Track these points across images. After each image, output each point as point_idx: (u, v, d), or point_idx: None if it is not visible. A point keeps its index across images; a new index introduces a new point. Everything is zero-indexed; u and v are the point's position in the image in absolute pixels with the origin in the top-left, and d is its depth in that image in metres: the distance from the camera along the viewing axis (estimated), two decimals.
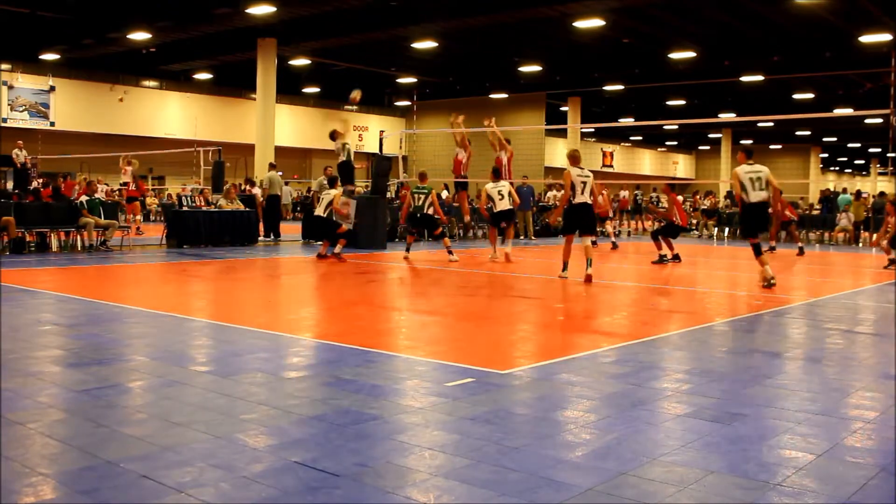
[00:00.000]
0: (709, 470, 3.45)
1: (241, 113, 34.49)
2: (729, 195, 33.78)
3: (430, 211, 14.19)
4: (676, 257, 14.41)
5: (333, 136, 16.50)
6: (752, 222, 10.73)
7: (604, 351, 6.21)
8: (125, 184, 21.71)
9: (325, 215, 13.86)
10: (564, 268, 11.07)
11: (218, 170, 19.05)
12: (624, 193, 29.69)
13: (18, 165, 21.86)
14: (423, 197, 14.27)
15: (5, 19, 23.11)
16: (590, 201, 10.93)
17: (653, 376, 5.33)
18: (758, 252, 10.61)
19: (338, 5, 21.36)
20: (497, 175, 14.35)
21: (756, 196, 10.44)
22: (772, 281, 10.49)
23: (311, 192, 19.08)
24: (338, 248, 13.54)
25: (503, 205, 13.86)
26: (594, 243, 11.69)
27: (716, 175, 46.60)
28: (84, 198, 14.57)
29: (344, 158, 16.03)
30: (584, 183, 10.88)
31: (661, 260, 14.15)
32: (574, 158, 11.15)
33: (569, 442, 3.85)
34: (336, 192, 14.20)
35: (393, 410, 4.33)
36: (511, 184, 14.80)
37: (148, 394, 4.63)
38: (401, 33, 24.40)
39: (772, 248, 18.35)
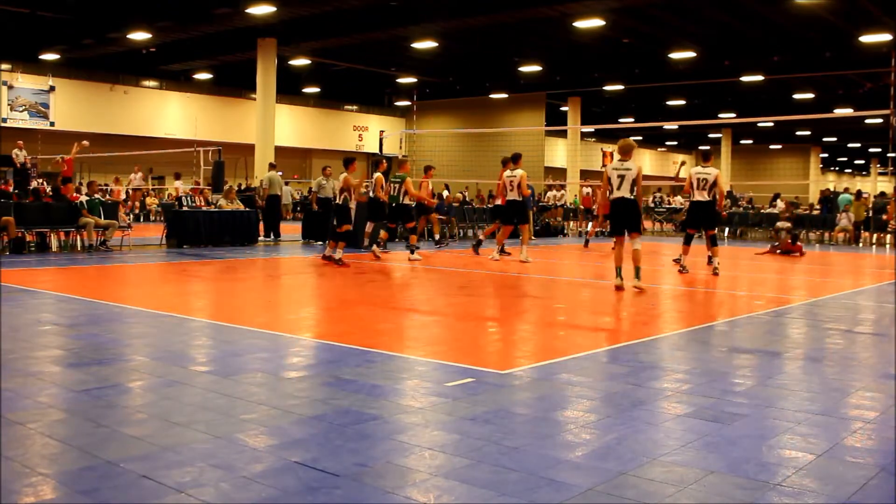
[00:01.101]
0: (709, 470, 3.45)
1: (241, 113, 34.48)
2: (729, 195, 33.81)
3: (407, 200, 13.90)
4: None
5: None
6: (693, 217, 12.40)
7: (604, 351, 6.22)
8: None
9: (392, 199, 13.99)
10: (618, 273, 9.95)
11: (218, 170, 19.03)
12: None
13: (18, 165, 21.83)
14: (398, 185, 13.95)
15: (5, 19, 23.11)
16: (630, 196, 9.76)
17: (653, 376, 5.33)
18: (687, 242, 12.53)
19: (338, 5, 21.35)
20: (515, 160, 13.56)
21: (699, 195, 11.93)
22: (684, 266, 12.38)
23: (311, 193, 19.01)
24: (338, 254, 12.62)
25: (511, 195, 13.28)
26: (586, 243, 11.70)
27: None
28: (84, 198, 14.57)
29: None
30: (622, 177, 9.77)
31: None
32: (621, 148, 10.06)
33: (569, 442, 3.85)
34: (378, 175, 14.21)
35: (393, 410, 4.33)
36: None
37: (148, 394, 4.63)
38: (401, 33, 24.39)
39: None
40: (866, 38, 22.89)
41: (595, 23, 22.13)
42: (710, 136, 52.71)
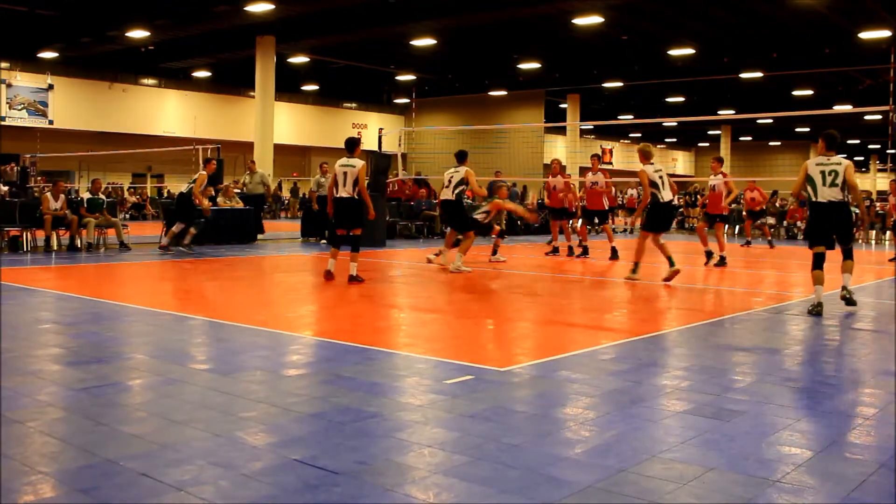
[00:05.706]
0: (708, 467, 3.45)
1: (239, 111, 34.45)
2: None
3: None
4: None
5: None
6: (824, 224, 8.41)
7: (603, 348, 6.21)
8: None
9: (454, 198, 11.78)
10: (635, 269, 10.27)
11: (217, 168, 18.96)
12: (631, 192, 30.06)
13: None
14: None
15: (4, 17, 23.06)
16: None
17: (652, 373, 5.33)
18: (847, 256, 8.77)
19: (336, 3, 21.32)
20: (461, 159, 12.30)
21: (827, 194, 8.01)
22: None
23: (310, 192, 18.85)
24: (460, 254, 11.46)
25: (445, 194, 11.93)
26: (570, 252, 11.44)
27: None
28: (85, 196, 14.56)
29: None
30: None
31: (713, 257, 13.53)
32: (645, 154, 10.14)
33: (568, 439, 3.85)
34: (466, 168, 11.79)
35: (392, 408, 4.33)
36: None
37: (147, 392, 4.63)
38: (400, 31, 24.36)
39: (747, 242, 18.93)
40: (865, 35, 22.85)
41: (594, 20, 22.11)
42: (710, 132, 52.69)
